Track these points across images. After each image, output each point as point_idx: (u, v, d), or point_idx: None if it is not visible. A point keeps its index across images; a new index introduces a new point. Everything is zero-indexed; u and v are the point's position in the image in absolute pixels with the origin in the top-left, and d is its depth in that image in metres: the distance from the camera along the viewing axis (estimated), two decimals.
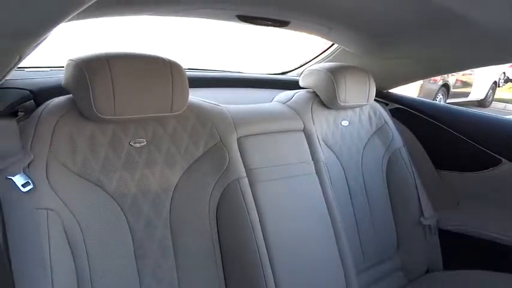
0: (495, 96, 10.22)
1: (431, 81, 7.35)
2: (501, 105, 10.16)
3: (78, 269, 0.93)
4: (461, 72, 8.29)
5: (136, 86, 0.97)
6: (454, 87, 8.11)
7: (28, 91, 1.01)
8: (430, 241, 1.67)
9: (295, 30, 1.46)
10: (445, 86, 7.79)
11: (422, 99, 1.87)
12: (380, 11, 1.28)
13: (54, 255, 0.87)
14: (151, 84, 0.99)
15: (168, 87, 1.01)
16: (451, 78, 7.97)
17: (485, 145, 1.60)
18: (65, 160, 0.93)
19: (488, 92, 9.69)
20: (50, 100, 0.98)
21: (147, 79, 0.98)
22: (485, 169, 1.60)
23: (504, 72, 11.95)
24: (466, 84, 8.58)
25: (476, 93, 9.12)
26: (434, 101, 1.93)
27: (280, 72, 1.99)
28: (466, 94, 8.71)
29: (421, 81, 7.07)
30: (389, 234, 1.65)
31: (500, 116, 1.73)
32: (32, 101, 1.02)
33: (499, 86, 10.85)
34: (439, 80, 7.55)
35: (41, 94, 1.03)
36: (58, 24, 0.57)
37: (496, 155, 1.57)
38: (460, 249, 1.66)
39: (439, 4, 1.11)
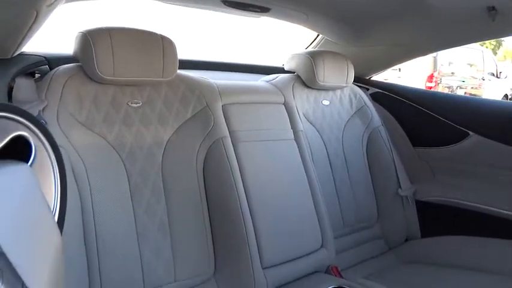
0: None
1: None
2: None
3: (82, 201, 1.11)
4: (469, 86, 8.37)
5: (133, 53, 1.17)
6: None
7: (43, 57, 1.23)
8: (408, 211, 1.81)
9: (275, 17, 1.66)
10: None
11: (399, 84, 2.04)
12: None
13: None
14: (145, 52, 1.20)
15: (159, 56, 1.22)
16: (459, 91, 8.04)
17: (455, 121, 1.75)
18: (72, 111, 1.13)
19: None
20: (61, 65, 1.19)
21: (141, 48, 1.19)
22: (456, 142, 1.75)
23: None
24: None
25: None
26: (410, 86, 2.11)
27: None
28: None
29: None
30: (369, 205, 1.79)
31: (466, 96, 1.89)
32: (47, 66, 1.23)
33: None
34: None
35: (54, 60, 1.25)
36: None
37: (464, 129, 1.72)
38: (436, 218, 1.79)
39: None
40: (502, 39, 17.18)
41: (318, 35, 1.98)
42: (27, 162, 0.44)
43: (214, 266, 1.32)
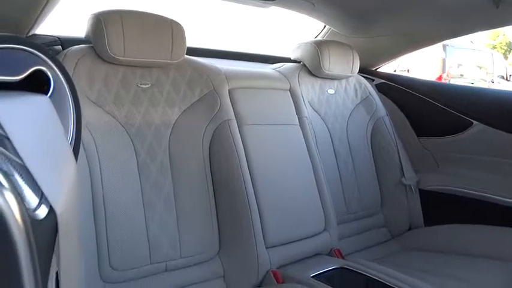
0: None
1: None
2: None
3: (91, 175, 1.15)
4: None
5: (143, 35, 1.22)
6: None
7: (57, 38, 1.28)
8: (411, 200, 1.83)
9: (282, 6, 1.69)
10: None
11: (404, 75, 2.06)
12: None
13: None
14: (155, 34, 1.24)
15: (168, 39, 1.26)
16: None
17: (458, 110, 1.77)
18: (84, 89, 1.17)
19: None
20: (74, 46, 1.23)
21: (151, 30, 1.24)
22: (460, 132, 1.77)
23: None
24: None
25: None
26: (415, 76, 2.15)
27: None
28: None
29: None
30: (373, 193, 1.81)
31: (470, 85, 1.90)
32: (60, 46, 1.28)
33: None
34: None
35: (67, 41, 1.30)
36: None
37: (468, 118, 1.74)
38: (439, 207, 1.80)
39: None
40: None
41: (324, 27, 2.01)
42: (46, 95, 0.47)
43: (218, 244, 1.35)
